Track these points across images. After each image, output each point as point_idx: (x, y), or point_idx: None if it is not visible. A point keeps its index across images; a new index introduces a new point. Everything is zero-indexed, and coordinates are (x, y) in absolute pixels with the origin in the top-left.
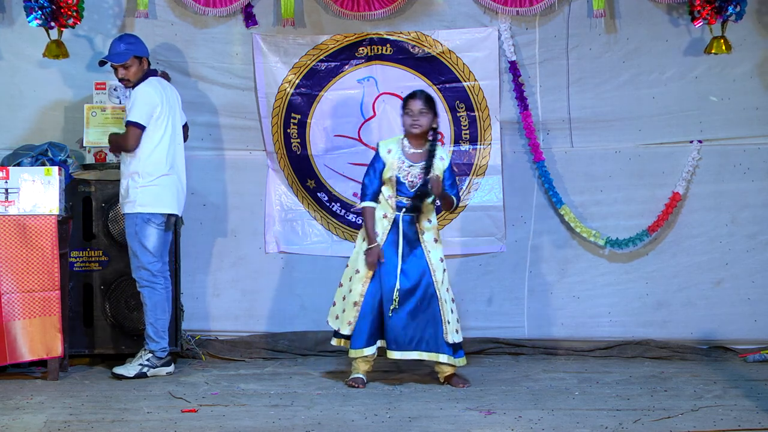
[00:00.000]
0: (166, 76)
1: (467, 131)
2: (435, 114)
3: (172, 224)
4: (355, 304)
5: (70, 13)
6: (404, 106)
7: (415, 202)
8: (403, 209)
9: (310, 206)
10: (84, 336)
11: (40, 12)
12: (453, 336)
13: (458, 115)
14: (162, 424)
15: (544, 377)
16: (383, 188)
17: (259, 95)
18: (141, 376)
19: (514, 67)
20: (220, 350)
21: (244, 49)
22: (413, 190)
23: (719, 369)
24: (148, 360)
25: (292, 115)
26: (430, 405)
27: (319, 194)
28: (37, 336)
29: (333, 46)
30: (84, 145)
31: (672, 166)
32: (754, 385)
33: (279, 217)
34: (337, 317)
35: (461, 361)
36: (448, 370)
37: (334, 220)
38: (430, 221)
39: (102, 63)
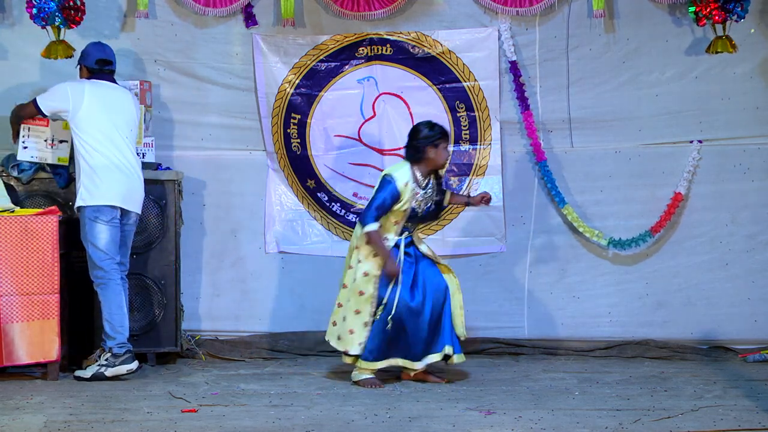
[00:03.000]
0: None
1: (467, 131)
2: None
3: (130, 220)
4: (366, 324)
5: (73, 13)
6: (438, 142)
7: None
8: (407, 233)
9: (310, 206)
10: (84, 336)
11: (44, 13)
12: (462, 331)
13: (458, 115)
14: (162, 424)
15: (544, 377)
16: (392, 214)
17: (259, 95)
18: (99, 377)
19: (514, 67)
20: (220, 350)
21: (244, 49)
22: (422, 213)
23: (719, 369)
24: (106, 360)
25: (292, 115)
26: (430, 405)
27: (319, 194)
28: (35, 339)
29: (333, 46)
30: None
31: (672, 166)
32: (754, 385)
33: (279, 217)
34: (339, 338)
35: (461, 358)
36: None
37: (334, 220)
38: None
39: None
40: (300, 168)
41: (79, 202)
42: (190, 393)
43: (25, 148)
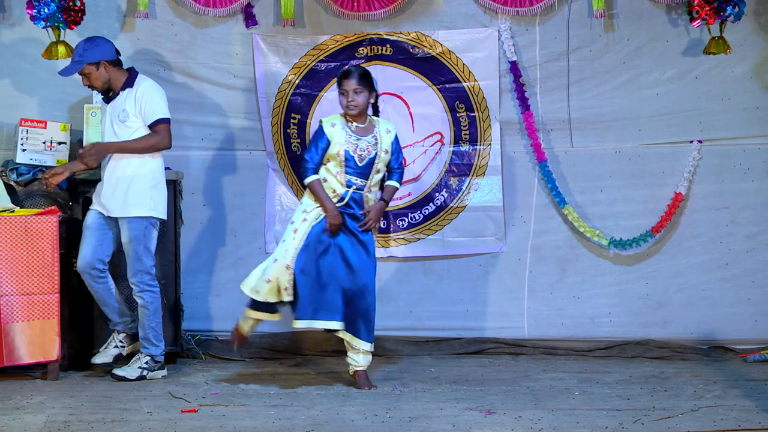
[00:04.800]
0: None
1: (467, 131)
2: (372, 90)
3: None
4: (288, 267)
5: (73, 14)
6: (339, 86)
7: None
8: (353, 187)
9: None
10: (84, 336)
11: (43, 13)
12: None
13: (458, 115)
14: (162, 424)
15: (544, 377)
16: (330, 165)
17: (259, 95)
18: (141, 378)
19: (515, 68)
20: (220, 350)
21: (244, 49)
22: (362, 164)
23: (719, 369)
24: (146, 363)
25: (292, 115)
26: (430, 405)
27: None
28: (36, 339)
29: (333, 46)
30: (84, 145)
31: (672, 167)
32: (754, 385)
33: (279, 217)
34: (258, 291)
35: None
36: (362, 365)
37: None
38: (376, 201)
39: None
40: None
41: (151, 212)
42: (190, 393)
43: (24, 150)
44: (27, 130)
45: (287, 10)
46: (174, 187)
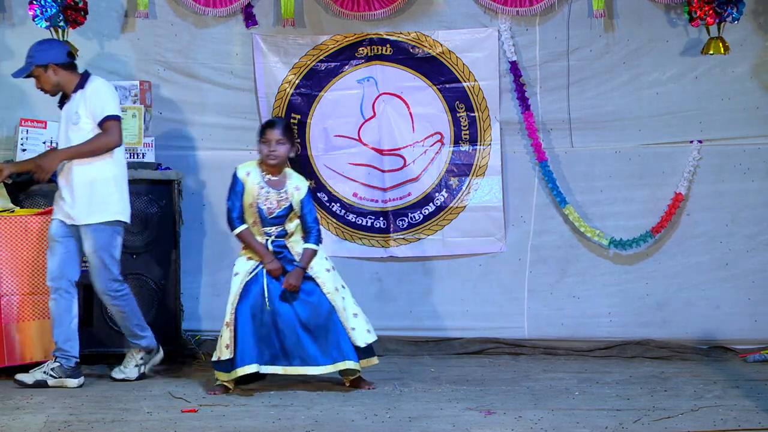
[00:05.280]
0: None
1: (467, 131)
2: (293, 144)
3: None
4: (227, 324)
5: (75, 14)
6: (261, 134)
7: None
8: (272, 237)
9: None
10: (84, 336)
11: (44, 13)
12: (364, 338)
13: (458, 115)
14: (162, 424)
15: (544, 377)
16: (246, 213)
17: (259, 95)
18: (142, 377)
19: (515, 67)
20: None
21: (244, 50)
22: (271, 217)
23: (719, 369)
24: (141, 358)
25: (292, 115)
26: (430, 405)
27: (318, 194)
28: (36, 339)
29: (333, 46)
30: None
31: (672, 167)
32: (754, 385)
33: None
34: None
35: (371, 361)
36: (353, 374)
37: (333, 220)
38: (303, 237)
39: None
40: (300, 168)
41: (115, 216)
42: (190, 393)
43: (24, 150)
44: (27, 130)
45: (287, 10)
46: (174, 187)
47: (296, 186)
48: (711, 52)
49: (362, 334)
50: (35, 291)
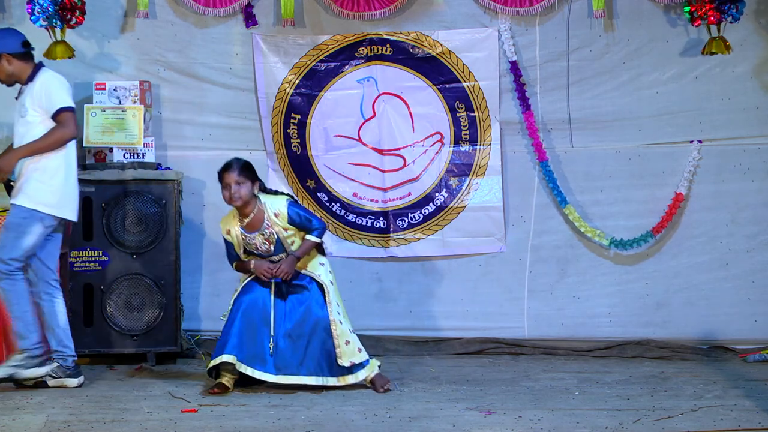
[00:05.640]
0: None
1: (467, 132)
2: (254, 180)
3: (63, 227)
4: (223, 317)
5: (74, 13)
6: (220, 180)
7: None
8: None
9: (309, 206)
10: (84, 336)
11: (43, 12)
12: (355, 357)
13: (458, 115)
14: (162, 424)
15: (544, 377)
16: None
17: (259, 95)
18: (9, 380)
19: (515, 67)
20: None
21: (244, 49)
22: (269, 255)
23: (719, 369)
24: (22, 359)
25: (292, 115)
26: (430, 405)
27: (318, 194)
28: None
29: (333, 46)
30: (84, 145)
31: (672, 167)
32: (754, 385)
33: None
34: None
35: (362, 374)
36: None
37: (333, 220)
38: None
39: None
40: (300, 168)
41: (34, 204)
42: (190, 393)
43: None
44: None
45: (287, 10)
46: (174, 187)
47: (275, 212)
48: (713, 51)
49: (353, 352)
50: None
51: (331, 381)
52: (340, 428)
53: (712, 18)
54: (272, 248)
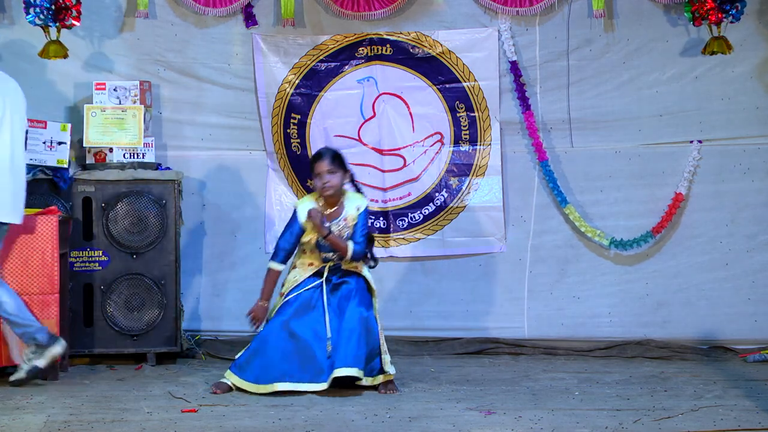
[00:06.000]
0: None
1: (467, 131)
2: (345, 170)
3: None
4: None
5: (69, 13)
6: (311, 169)
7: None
8: (331, 262)
9: None
10: (84, 336)
11: (39, 11)
12: (390, 367)
13: (458, 115)
14: (162, 424)
15: (544, 377)
16: (305, 244)
17: (259, 95)
18: (34, 371)
19: (515, 67)
20: (220, 350)
21: (244, 49)
22: (330, 251)
23: (719, 369)
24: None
25: (292, 115)
26: (430, 405)
27: None
28: None
29: (333, 46)
30: (84, 145)
31: (672, 167)
32: (754, 385)
33: (279, 217)
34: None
35: (381, 378)
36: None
37: None
38: (357, 266)
39: None
40: (300, 168)
41: None
42: (190, 393)
43: (24, 150)
44: (27, 131)
45: (287, 10)
46: (174, 187)
47: (356, 206)
48: (715, 50)
49: (387, 362)
50: (35, 291)
51: (367, 380)
52: (340, 428)
53: (713, 17)
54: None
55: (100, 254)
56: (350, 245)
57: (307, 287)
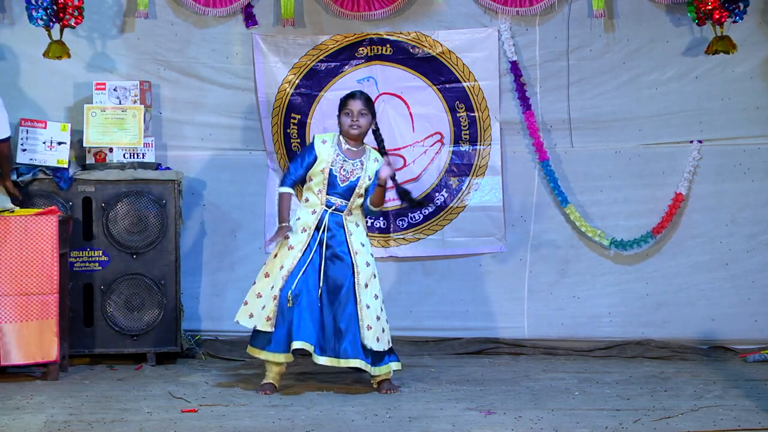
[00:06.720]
0: None
1: (467, 131)
2: (373, 115)
3: None
4: (275, 298)
5: (71, 13)
6: (343, 106)
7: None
8: (332, 207)
9: None
10: (84, 336)
11: (42, 12)
12: (372, 343)
13: (458, 115)
14: (162, 424)
15: (544, 377)
16: (313, 182)
17: (259, 95)
18: None
19: (515, 67)
20: (220, 350)
21: (244, 49)
22: (343, 185)
23: (719, 369)
24: None
25: (292, 115)
26: (430, 405)
27: None
28: (34, 339)
29: (333, 46)
30: (84, 145)
31: (672, 167)
32: (754, 385)
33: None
34: (251, 315)
35: (384, 369)
36: (379, 376)
37: None
38: (357, 224)
39: None
40: None
41: None
42: (190, 393)
43: (24, 150)
44: (27, 130)
45: (287, 10)
46: (174, 187)
47: (375, 158)
48: (719, 50)
49: (372, 339)
50: (35, 291)
51: (357, 363)
52: (340, 428)
53: (716, 16)
54: (350, 180)
55: (100, 254)
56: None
57: (302, 268)
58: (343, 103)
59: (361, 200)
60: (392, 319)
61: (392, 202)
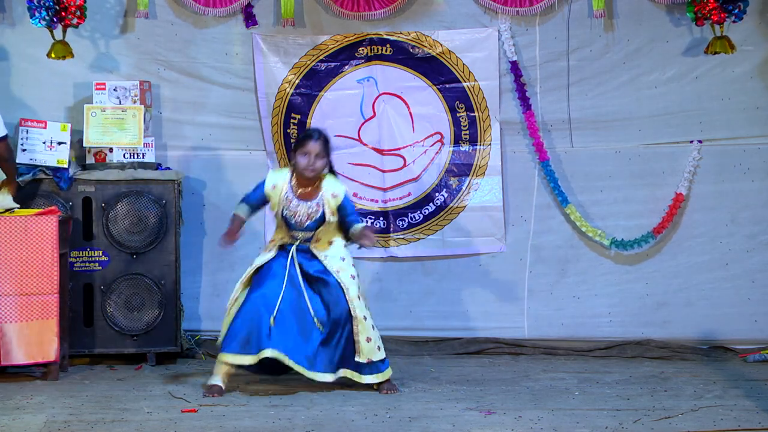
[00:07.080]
0: None
1: (467, 132)
2: (329, 157)
3: None
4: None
5: (74, 13)
6: (300, 145)
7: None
8: (297, 241)
9: None
10: (84, 336)
11: (45, 12)
12: (374, 354)
13: (458, 115)
14: (162, 424)
15: (544, 377)
16: (276, 216)
17: (259, 95)
18: None
19: (515, 67)
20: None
21: (244, 49)
22: (301, 228)
23: (719, 369)
24: None
25: (292, 115)
26: (430, 405)
27: None
28: (34, 339)
29: (333, 46)
30: (84, 145)
31: (672, 167)
32: (754, 385)
33: None
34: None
35: (387, 374)
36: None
37: None
38: (330, 242)
39: None
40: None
41: None
42: (190, 393)
43: (24, 150)
44: (27, 130)
45: (287, 10)
46: (174, 187)
47: (333, 193)
48: (717, 50)
49: (372, 349)
50: (35, 291)
51: (331, 376)
52: (340, 428)
53: (716, 17)
54: (307, 223)
55: (100, 254)
56: (358, 225)
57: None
58: (301, 142)
59: (329, 226)
60: (392, 319)
61: (392, 202)
